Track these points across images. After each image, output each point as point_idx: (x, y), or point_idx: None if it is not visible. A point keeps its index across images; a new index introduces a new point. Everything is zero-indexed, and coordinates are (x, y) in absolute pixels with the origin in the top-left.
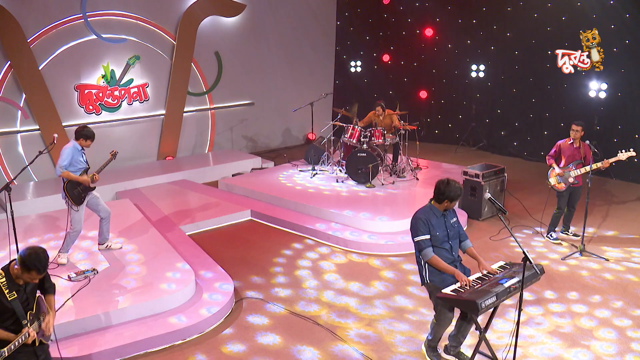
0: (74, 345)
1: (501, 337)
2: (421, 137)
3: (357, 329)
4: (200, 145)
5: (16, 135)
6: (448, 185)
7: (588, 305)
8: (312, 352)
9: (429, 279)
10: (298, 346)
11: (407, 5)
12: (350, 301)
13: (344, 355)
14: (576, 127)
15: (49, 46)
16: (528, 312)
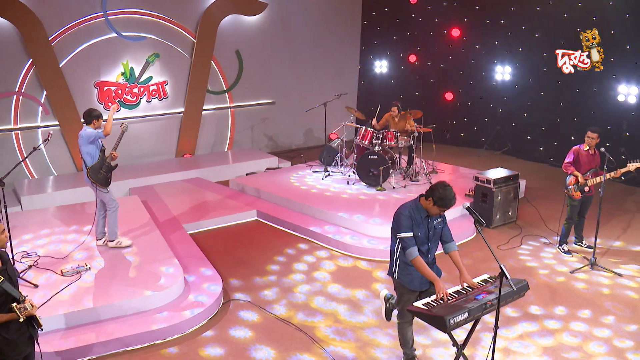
0: (54, 340)
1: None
2: (446, 140)
3: (342, 334)
4: (220, 144)
5: (37, 130)
6: (445, 191)
7: (590, 323)
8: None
9: (398, 276)
10: (260, 347)
11: (434, 5)
12: (338, 307)
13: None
14: (592, 134)
15: (69, 44)
16: (522, 327)
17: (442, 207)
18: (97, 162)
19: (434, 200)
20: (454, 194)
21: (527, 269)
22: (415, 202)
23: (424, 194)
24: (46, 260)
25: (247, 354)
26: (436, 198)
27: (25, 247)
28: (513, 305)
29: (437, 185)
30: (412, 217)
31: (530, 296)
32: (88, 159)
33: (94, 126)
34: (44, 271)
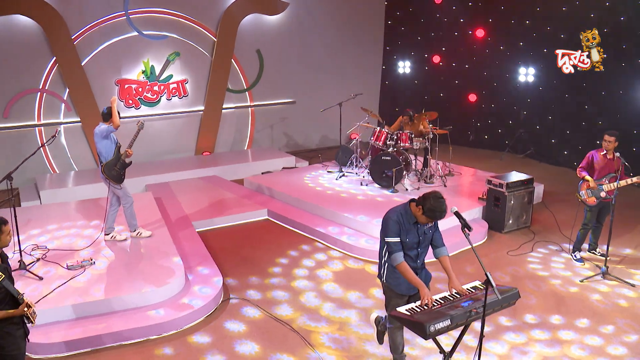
0: (52, 331)
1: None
2: (469, 142)
3: (332, 333)
4: (239, 142)
5: (59, 126)
6: (436, 202)
7: (597, 334)
8: (285, 358)
9: (386, 279)
10: (272, 355)
11: (459, 5)
12: (335, 310)
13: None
14: (609, 138)
15: (91, 42)
16: (523, 336)
17: (431, 218)
18: (112, 159)
19: (424, 210)
20: (445, 207)
21: (535, 276)
22: (405, 207)
23: (416, 200)
24: (55, 253)
25: (238, 352)
26: (426, 208)
27: (37, 240)
28: (514, 313)
29: (429, 195)
30: (400, 222)
31: (534, 304)
32: (103, 155)
33: (109, 123)
34: (51, 264)
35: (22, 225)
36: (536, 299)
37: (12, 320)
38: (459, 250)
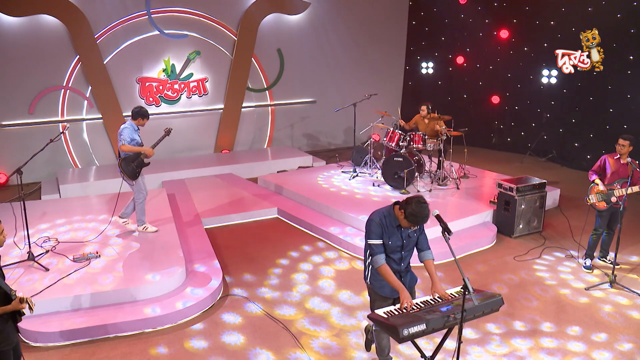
0: (52, 321)
1: None
2: (492, 145)
3: (324, 338)
4: (259, 141)
5: (82, 122)
6: (417, 207)
7: (590, 344)
8: (268, 356)
9: (370, 281)
10: (257, 349)
11: (484, 5)
12: (332, 310)
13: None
14: (623, 142)
15: (114, 41)
16: (514, 344)
17: (412, 222)
18: (132, 155)
19: (405, 214)
20: (428, 213)
21: (539, 282)
22: (389, 210)
23: (399, 203)
24: (64, 246)
25: (227, 347)
26: (407, 212)
27: (49, 232)
28: (509, 318)
29: (412, 200)
30: (383, 225)
31: (535, 311)
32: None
33: (137, 122)
34: (59, 256)
35: (37, 218)
36: (536, 305)
37: (1, 315)
38: (461, 255)
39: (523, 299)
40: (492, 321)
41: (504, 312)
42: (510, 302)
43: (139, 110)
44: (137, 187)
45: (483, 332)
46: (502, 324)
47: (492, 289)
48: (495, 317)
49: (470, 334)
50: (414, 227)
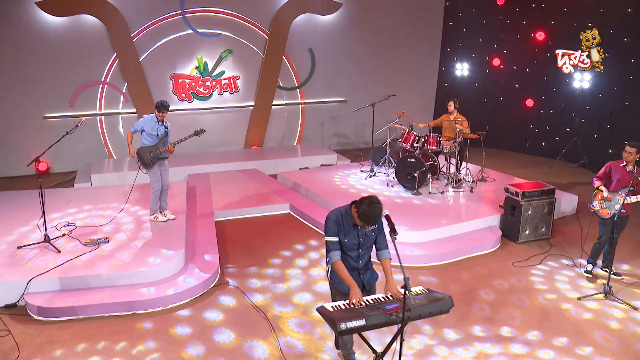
0: (54, 298)
1: None
2: (525, 149)
3: (295, 319)
4: (289, 138)
5: (118, 116)
6: (369, 207)
7: (572, 355)
8: (240, 342)
9: (330, 277)
10: (223, 330)
11: (522, 7)
12: (315, 302)
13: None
14: (629, 149)
15: (149, 40)
16: (485, 347)
17: (364, 222)
18: (150, 146)
19: (358, 213)
20: (379, 214)
21: (531, 289)
22: (347, 209)
23: (355, 203)
24: (81, 230)
25: (209, 334)
26: (360, 212)
27: (69, 218)
28: (491, 323)
29: (365, 200)
30: (339, 223)
31: (516, 317)
32: (144, 139)
33: (156, 115)
34: (73, 240)
35: (63, 205)
36: (522, 312)
37: None
38: (462, 257)
39: (510, 305)
40: (477, 324)
41: (485, 316)
42: (495, 307)
43: (156, 103)
44: (153, 176)
45: (465, 334)
46: (486, 327)
47: (480, 293)
48: (477, 321)
49: (451, 335)
50: (369, 227)
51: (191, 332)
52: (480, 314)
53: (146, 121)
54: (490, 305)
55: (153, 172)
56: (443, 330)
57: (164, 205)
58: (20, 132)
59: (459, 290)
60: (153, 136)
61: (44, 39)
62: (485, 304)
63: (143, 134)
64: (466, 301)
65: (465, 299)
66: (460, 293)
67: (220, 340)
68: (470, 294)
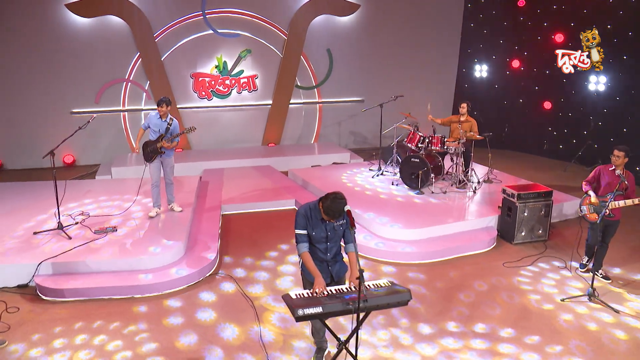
0: (60, 280)
1: None
2: (542, 151)
3: (280, 312)
4: (307, 136)
5: (140, 112)
6: (332, 203)
7: (540, 353)
8: (223, 326)
9: (301, 268)
10: (211, 314)
11: (543, 8)
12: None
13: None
14: (617, 153)
15: (171, 40)
16: (446, 342)
17: (328, 216)
18: (152, 140)
19: (323, 208)
20: (341, 209)
21: (516, 289)
22: (315, 204)
23: (322, 199)
24: (94, 219)
25: (196, 318)
26: (324, 206)
27: (84, 208)
28: (467, 320)
29: (329, 195)
30: (308, 217)
31: (494, 315)
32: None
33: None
34: (85, 228)
35: (81, 195)
36: (500, 311)
37: None
38: (455, 255)
39: (491, 303)
40: (453, 320)
41: (463, 313)
42: (476, 305)
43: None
44: (152, 170)
45: (439, 329)
46: (461, 323)
47: (464, 291)
48: (453, 316)
49: (425, 329)
50: (333, 221)
51: (180, 314)
52: (459, 310)
53: (151, 118)
54: (471, 303)
55: (153, 166)
56: (418, 325)
57: (170, 198)
58: (49, 126)
59: (444, 287)
60: (156, 132)
61: (72, 39)
62: (467, 302)
63: (149, 129)
64: (448, 298)
65: (447, 296)
66: (444, 290)
67: (202, 317)
68: (454, 291)
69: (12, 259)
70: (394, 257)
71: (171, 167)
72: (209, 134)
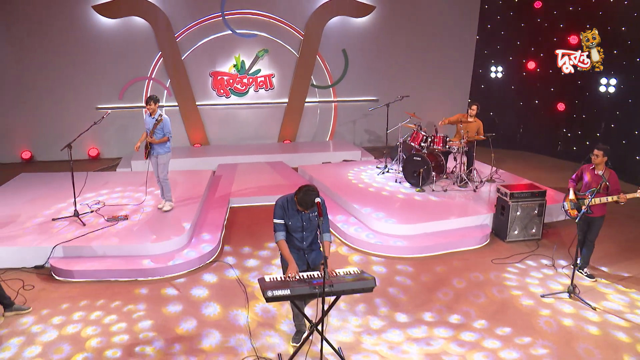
0: (72, 262)
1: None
2: (556, 153)
3: (263, 303)
4: (322, 134)
5: (161, 109)
6: (304, 195)
7: (508, 343)
8: (215, 309)
9: (280, 254)
10: (206, 298)
11: (560, 10)
12: None
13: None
14: (597, 152)
15: (191, 40)
16: (407, 331)
17: (301, 206)
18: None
19: (297, 199)
20: (312, 201)
21: (499, 284)
22: (292, 196)
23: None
24: (108, 209)
25: (191, 300)
26: (298, 198)
27: (101, 197)
28: (443, 312)
29: (302, 188)
30: (284, 208)
31: (472, 308)
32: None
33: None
34: (98, 216)
35: (100, 186)
36: (479, 304)
37: None
38: (448, 251)
39: (471, 297)
40: (430, 310)
41: (442, 305)
42: (456, 297)
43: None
44: (152, 167)
45: (415, 318)
46: (437, 314)
47: (448, 284)
48: (432, 307)
49: (402, 318)
50: (307, 212)
51: (177, 298)
52: (440, 302)
53: (145, 116)
54: (453, 296)
55: (151, 163)
56: (396, 313)
57: (161, 196)
58: (75, 120)
59: (429, 280)
60: (148, 129)
61: (98, 38)
62: (449, 294)
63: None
64: (431, 290)
65: (430, 289)
66: (428, 283)
67: (196, 300)
68: (438, 284)
69: (30, 242)
70: (386, 250)
71: (163, 165)
72: (227, 131)
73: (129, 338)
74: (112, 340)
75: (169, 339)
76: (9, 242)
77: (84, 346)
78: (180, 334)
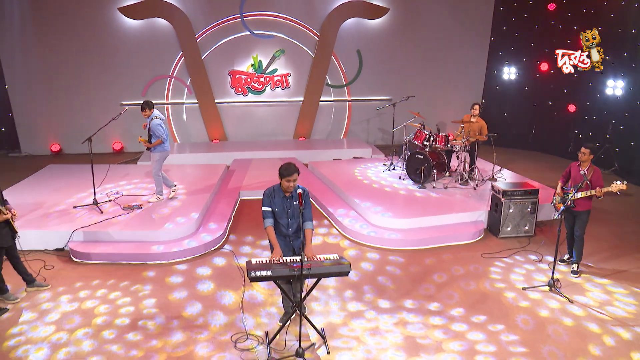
0: (88, 246)
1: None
2: (567, 153)
3: (263, 284)
4: (336, 132)
5: (182, 106)
6: (286, 166)
7: (481, 330)
8: (213, 289)
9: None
10: (206, 281)
11: (574, 12)
12: None
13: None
14: (584, 150)
15: (211, 40)
16: (382, 319)
17: (285, 177)
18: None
19: (280, 177)
20: (292, 170)
21: (484, 277)
22: (279, 184)
23: None
24: (126, 198)
25: (193, 283)
26: (280, 173)
27: (119, 188)
28: (419, 298)
29: (283, 165)
30: (271, 195)
31: (453, 298)
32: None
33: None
34: (115, 205)
35: (120, 177)
36: (461, 294)
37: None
38: (442, 244)
39: (455, 287)
40: (412, 298)
41: (425, 294)
42: (440, 288)
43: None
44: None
45: (396, 304)
46: (418, 302)
47: (434, 275)
48: (416, 295)
49: (383, 304)
50: (290, 184)
51: (181, 278)
52: (425, 289)
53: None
54: (436, 286)
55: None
56: (379, 300)
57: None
58: (101, 116)
59: (416, 271)
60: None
61: (123, 38)
62: (433, 284)
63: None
64: (417, 280)
65: (416, 279)
66: (415, 274)
67: (199, 283)
68: (424, 275)
69: (52, 227)
70: (380, 242)
71: (154, 162)
72: (244, 127)
73: (134, 310)
74: (119, 311)
75: (169, 316)
76: (34, 226)
77: (91, 320)
78: (181, 314)
